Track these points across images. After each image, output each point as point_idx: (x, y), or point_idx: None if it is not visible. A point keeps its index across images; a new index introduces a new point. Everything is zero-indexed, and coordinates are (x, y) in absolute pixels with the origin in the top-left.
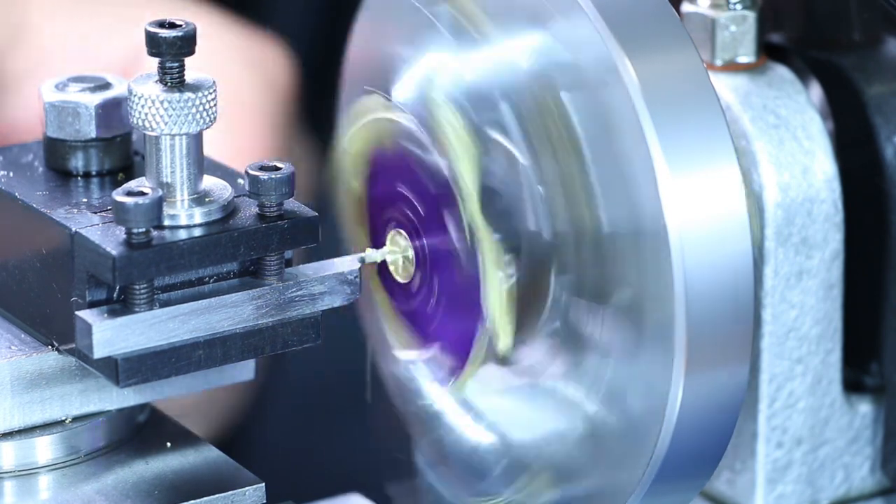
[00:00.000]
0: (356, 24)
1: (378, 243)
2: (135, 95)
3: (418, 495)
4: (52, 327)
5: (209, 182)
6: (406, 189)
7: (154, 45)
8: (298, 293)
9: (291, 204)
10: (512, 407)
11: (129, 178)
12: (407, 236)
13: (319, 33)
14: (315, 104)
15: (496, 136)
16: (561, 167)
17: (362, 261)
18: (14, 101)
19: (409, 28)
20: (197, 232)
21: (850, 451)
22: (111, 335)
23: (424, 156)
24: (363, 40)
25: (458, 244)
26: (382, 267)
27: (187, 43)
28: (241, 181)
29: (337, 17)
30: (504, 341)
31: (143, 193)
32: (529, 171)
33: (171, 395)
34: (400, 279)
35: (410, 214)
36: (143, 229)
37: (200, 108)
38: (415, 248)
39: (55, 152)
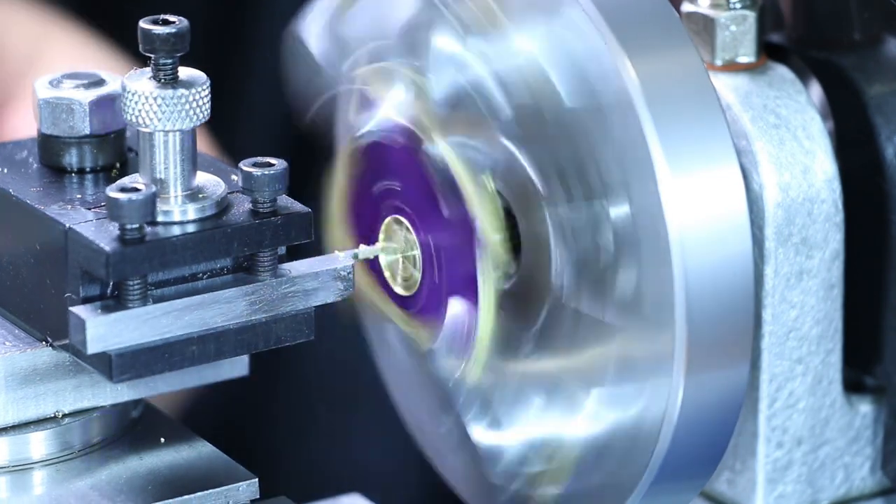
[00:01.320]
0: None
1: (369, 242)
2: (128, 92)
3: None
4: (47, 323)
5: (203, 178)
6: (402, 184)
7: (148, 41)
8: (292, 289)
9: (284, 200)
10: (512, 405)
11: (123, 174)
12: (404, 235)
13: None
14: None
15: (495, 134)
16: (560, 167)
17: (356, 257)
18: None
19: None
20: (190, 228)
21: (850, 451)
22: (105, 331)
23: (425, 151)
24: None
25: (458, 240)
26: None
27: (181, 40)
28: (234, 177)
29: None
30: (484, 348)
31: (136, 189)
32: (529, 171)
33: (165, 390)
34: (400, 290)
35: (408, 212)
36: (137, 225)
37: (194, 105)
38: (414, 243)
39: (49, 149)
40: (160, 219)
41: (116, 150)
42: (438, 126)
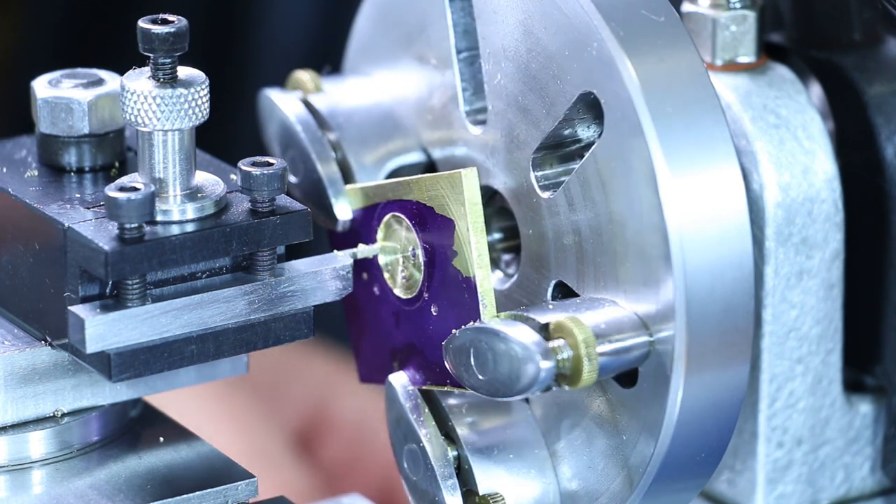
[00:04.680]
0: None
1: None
2: (127, 91)
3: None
4: (46, 322)
5: (201, 178)
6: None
7: (147, 41)
8: (290, 288)
9: (283, 199)
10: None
11: (122, 173)
12: (404, 237)
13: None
14: None
15: (495, 135)
16: (559, 167)
17: (354, 256)
18: None
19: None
20: (189, 227)
21: (850, 451)
22: (104, 330)
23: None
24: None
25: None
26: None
27: (180, 39)
28: (233, 177)
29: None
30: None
31: (135, 189)
32: (527, 171)
33: (164, 390)
34: (400, 292)
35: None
36: (136, 224)
37: (193, 104)
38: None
39: (48, 148)
40: (159, 218)
41: (115, 150)
42: None
